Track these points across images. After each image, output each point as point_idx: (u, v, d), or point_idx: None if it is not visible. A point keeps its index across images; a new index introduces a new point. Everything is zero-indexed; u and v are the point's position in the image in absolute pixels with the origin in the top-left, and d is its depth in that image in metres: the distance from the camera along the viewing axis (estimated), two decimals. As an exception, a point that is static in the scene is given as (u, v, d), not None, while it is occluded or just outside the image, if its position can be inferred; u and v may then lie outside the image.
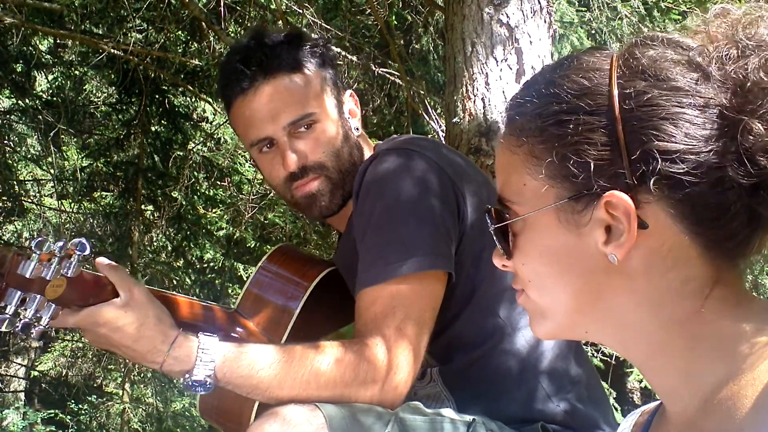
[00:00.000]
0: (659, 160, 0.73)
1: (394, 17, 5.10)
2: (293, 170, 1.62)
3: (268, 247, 6.01)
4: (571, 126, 0.77)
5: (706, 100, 0.74)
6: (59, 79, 6.33)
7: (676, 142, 0.73)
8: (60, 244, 1.36)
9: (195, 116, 6.59)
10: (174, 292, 1.62)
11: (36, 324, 1.38)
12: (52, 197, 7.79)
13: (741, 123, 0.72)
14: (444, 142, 3.03)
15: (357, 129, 1.71)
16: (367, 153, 1.70)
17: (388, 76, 5.13)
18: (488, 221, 0.87)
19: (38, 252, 1.35)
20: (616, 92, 0.76)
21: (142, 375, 7.69)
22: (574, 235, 0.79)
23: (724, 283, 0.78)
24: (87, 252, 1.37)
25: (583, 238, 0.79)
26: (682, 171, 0.73)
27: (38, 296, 1.36)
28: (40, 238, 1.37)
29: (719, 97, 0.74)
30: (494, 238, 0.87)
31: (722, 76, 0.74)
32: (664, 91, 0.75)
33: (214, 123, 6.58)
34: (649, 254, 0.77)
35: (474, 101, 2.61)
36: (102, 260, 1.46)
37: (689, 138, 0.73)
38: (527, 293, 0.87)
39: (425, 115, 4.68)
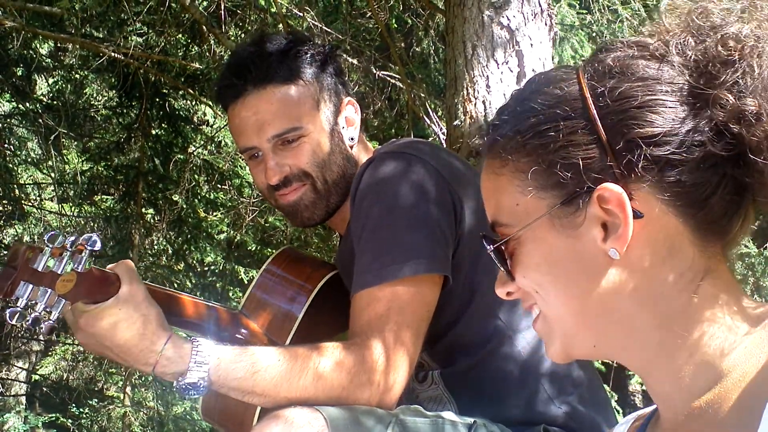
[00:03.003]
0: (643, 146, 0.76)
1: (394, 20, 5.10)
2: (274, 184, 1.64)
3: (269, 250, 6.01)
4: (551, 133, 0.80)
5: (674, 84, 0.77)
6: (60, 83, 6.32)
7: (655, 127, 0.76)
8: (72, 238, 1.37)
9: (195, 119, 6.58)
10: (179, 291, 1.62)
11: (46, 318, 1.38)
12: (52, 201, 7.79)
13: (710, 97, 0.75)
14: (445, 145, 3.04)
15: (352, 139, 1.70)
16: (363, 161, 1.69)
17: (388, 79, 5.13)
18: (486, 246, 0.87)
19: (50, 246, 1.37)
20: (588, 93, 0.79)
21: (143, 379, 7.67)
22: (571, 238, 0.80)
23: (714, 276, 0.79)
24: (97, 247, 1.38)
25: (580, 239, 0.80)
26: (667, 152, 0.75)
27: (49, 290, 1.37)
28: (52, 232, 1.38)
29: (685, 78, 0.77)
30: (494, 261, 0.87)
31: (684, 60, 0.78)
32: (633, 83, 0.78)
33: (214, 126, 6.58)
34: (646, 245, 0.78)
35: (475, 104, 2.60)
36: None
37: (666, 120, 0.76)
38: (541, 312, 0.87)
39: (426, 118, 4.68)
